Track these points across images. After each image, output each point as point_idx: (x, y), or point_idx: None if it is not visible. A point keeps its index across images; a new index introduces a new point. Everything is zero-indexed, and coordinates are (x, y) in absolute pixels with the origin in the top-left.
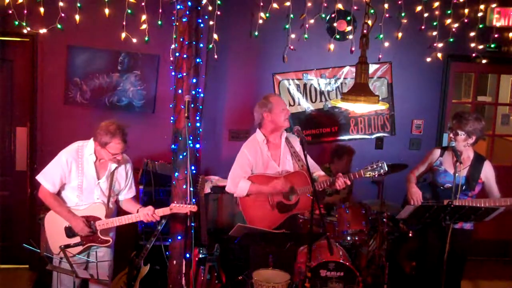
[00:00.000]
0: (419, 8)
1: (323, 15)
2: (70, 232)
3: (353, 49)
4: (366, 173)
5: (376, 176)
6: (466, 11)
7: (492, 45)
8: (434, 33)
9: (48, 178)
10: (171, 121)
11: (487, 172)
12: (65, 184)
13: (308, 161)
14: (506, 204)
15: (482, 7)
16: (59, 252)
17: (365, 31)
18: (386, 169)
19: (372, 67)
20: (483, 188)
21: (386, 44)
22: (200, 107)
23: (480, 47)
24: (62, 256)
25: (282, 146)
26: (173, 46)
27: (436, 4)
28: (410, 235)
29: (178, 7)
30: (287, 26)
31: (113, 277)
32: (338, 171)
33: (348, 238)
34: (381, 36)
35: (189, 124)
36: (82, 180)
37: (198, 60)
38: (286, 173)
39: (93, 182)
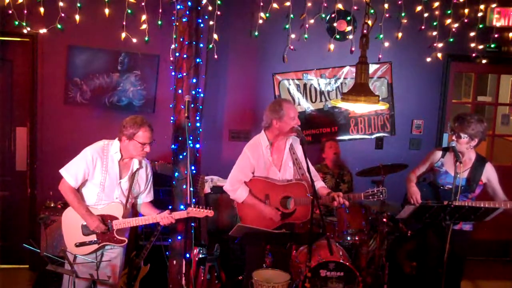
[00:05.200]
0: (419, 8)
1: (323, 15)
2: (86, 229)
3: (353, 49)
4: (366, 197)
5: (375, 200)
6: (466, 11)
7: (492, 45)
8: (434, 33)
9: (71, 172)
10: (171, 121)
11: (489, 174)
12: (87, 181)
13: (308, 163)
14: (506, 207)
15: (482, 7)
16: (60, 251)
17: (365, 31)
18: (386, 196)
19: (372, 67)
20: (483, 190)
21: (386, 44)
22: (200, 107)
23: (480, 47)
24: (75, 254)
25: (285, 152)
26: (173, 46)
27: (436, 4)
28: (409, 234)
29: (178, 7)
30: (287, 26)
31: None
32: (333, 163)
33: (348, 238)
34: (381, 36)
35: (189, 124)
36: (105, 178)
37: (198, 60)
38: (287, 182)
39: (115, 180)
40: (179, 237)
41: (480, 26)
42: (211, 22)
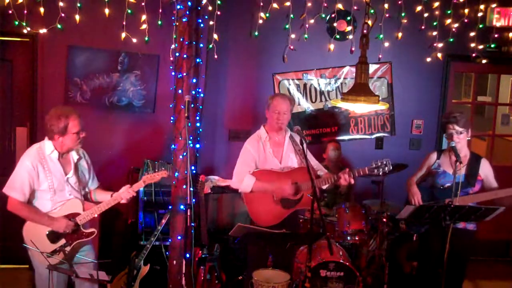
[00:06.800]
0: (419, 8)
1: (323, 15)
2: (53, 236)
3: (353, 49)
4: (371, 170)
5: (380, 174)
6: (466, 11)
7: (492, 45)
8: (434, 33)
9: (16, 188)
10: (171, 121)
11: (486, 170)
12: (35, 191)
13: (309, 161)
14: (507, 194)
15: (482, 7)
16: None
17: (365, 31)
18: (391, 168)
19: (372, 67)
20: (482, 186)
21: (386, 44)
22: (200, 107)
23: (480, 47)
24: (60, 258)
25: (285, 144)
26: (173, 46)
27: (436, 4)
28: (414, 238)
29: (178, 7)
30: (287, 26)
31: (112, 277)
32: (333, 164)
33: (348, 238)
34: (381, 36)
35: (189, 124)
36: (52, 180)
37: (198, 60)
38: (289, 168)
39: (62, 179)
40: (179, 237)
41: (480, 26)
42: (211, 22)
